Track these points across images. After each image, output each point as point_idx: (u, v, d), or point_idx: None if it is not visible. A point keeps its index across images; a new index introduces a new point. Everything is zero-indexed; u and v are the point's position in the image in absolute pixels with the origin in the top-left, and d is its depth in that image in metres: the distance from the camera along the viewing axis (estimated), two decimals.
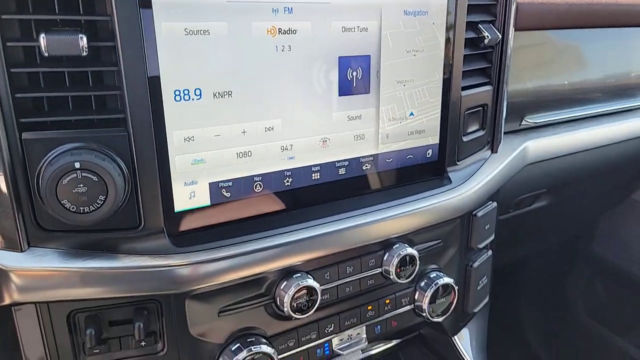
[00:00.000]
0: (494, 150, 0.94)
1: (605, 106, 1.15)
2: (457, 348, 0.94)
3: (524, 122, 1.03)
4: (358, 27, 0.70)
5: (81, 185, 0.54)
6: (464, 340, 0.96)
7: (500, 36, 0.86)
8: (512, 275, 1.80)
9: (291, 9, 0.65)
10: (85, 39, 0.52)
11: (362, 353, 0.96)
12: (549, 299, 1.85)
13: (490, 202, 0.91)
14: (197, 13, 0.58)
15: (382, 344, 0.98)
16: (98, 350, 0.61)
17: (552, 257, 1.80)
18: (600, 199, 1.48)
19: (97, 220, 0.56)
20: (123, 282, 0.59)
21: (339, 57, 0.70)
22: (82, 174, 0.54)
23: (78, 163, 0.54)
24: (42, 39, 0.51)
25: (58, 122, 0.55)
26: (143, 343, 0.62)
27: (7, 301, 0.57)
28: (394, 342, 1.00)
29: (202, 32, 0.59)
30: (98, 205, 0.56)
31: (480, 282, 0.93)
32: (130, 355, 0.62)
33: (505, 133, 1.00)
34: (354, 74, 0.72)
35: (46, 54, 0.52)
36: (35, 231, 0.57)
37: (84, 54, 0.53)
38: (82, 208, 0.55)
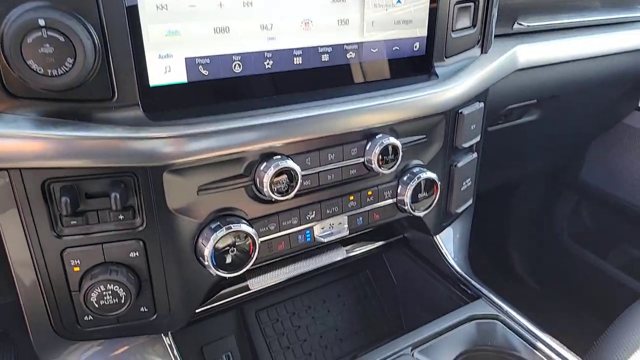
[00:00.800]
0: (484, 50, 0.91)
1: (601, 15, 1.11)
2: (438, 248, 0.95)
3: (516, 26, 0.99)
4: None
5: (47, 45, 0.52)
6: (446, 241, 0.97)
7: None
8: (500, 199, 1.81)
9: None
10: None
11: (347, 253, 0.97)
12: (535, 223, 1.87)
13: (478, 102, 0.89)
14: None
15: (367, 245, 1.00)
16: (75, 222, 0.60)
17: (541, 183, 1.80)
18: (591, 121, 1.46)
19: (67, 85, 0.54)
20: (97, 152, 0.57)
21: None
22: (48, 33, 0.52)
23: (43, 20, 0.51)
24: None
25: None
26: (121, 217, 0.61)
27: None
28: (378, 244, 1.01)
29: None
30: (67, 69, 0.53)
31: (465, 183, 0.93)
32: (109, 230, 0.62)
33: (497, 36, 0.96)
34: None
35: None
36: (3, 96, 0.55)
37: None
38: (49, 70, 0.53)
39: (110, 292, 0.62)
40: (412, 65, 0.81)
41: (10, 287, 0.63)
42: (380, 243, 1.00)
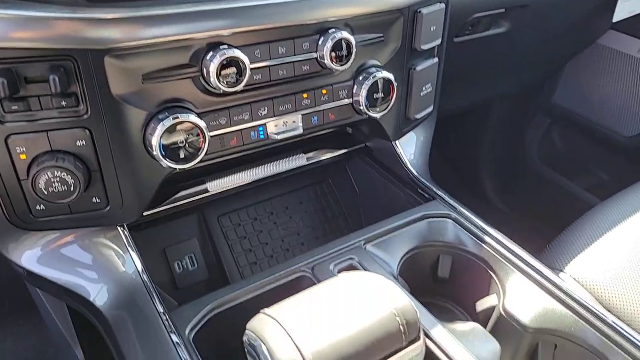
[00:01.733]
0: None
1: None
2: (398, 154, 0.97)
3: None
4: None
5: None
6: (406, 148, 0.99)
7: None
8: (471, 121, 1.83)
9: None
10: None
11: (307, 160, 0.99)
12: (506, 146, 1.90)
13: (438, 2, 0.88)
14: None
15: (328, 152, 1.01)
16: (17, 107, 0.60)
17: (513, 105, 1.82)
18: (564, 38, 1.45)
19: None
20: (33, 32, 0.57)
21: None
22: None
23: None
24: None
25: None
26: (63, 103, 0.61)
27: None
28: (340, 152, 1.03)
29: None
30: None
31: (424, 88, 0.93)
32: (53, 117, 0.62)
33: None
34: None
35: None
36: None
37: None
38: None
39: (58, 179, 0.63)
40: None
41: None
42: (342, 151, 1.02)
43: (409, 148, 1.00)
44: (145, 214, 0.85)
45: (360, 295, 0.49)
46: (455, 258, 0.85)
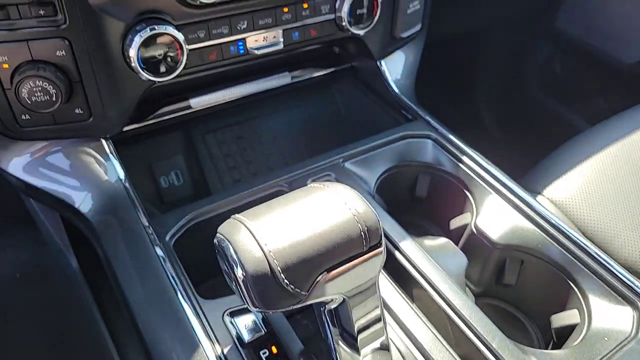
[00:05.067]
0: None
1: None
2: (383, 74, 1.01)
3: None
4: None
5: None
6: (392, 68, 1.02)
7: None
8: (470, 45, 1.83)
9: None
10: None
11: (292, 79, 1.03)
12: (505, 71, 1.91)
13: None
14: None
15: (314, 72, 1.05)
16: None
17: (514, 31, 1.81)
18: None
19: None
20: None
21: None
22: None
23: None
24: None
25: None
26: (41, 11, 0.65)
27: None
28: (325, 72, 1.06)
29: None
30: None
31: (411, 5, 0.95)
32: (32, 26, 0.66)
33: None
34: None
35: None
36: None
37: None
38: None
39: (40, 89, 0.68)
40: None
41: None
42: (327, 71, 1.06)
43: (396, 68, 1.04)
44: (130, 128, 0.90)
45: (325, 202, 0.54)
46: (433, 178, 0.91)
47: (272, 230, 0.50)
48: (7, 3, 0.63)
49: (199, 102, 0.94)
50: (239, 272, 0.49)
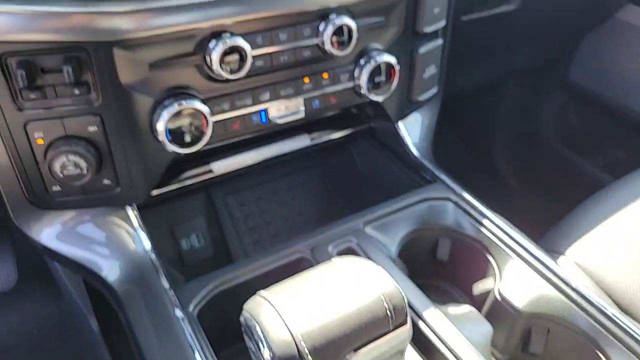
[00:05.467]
0: None
1: None
2: (401, 136, 1.03)
3: None
4: None
5: None
6: (410, 130, 1.04)
7: None
8: (484, 96, 1.86)
9: None
10: None
11: (311, 141, 1.05)
12: (520, 121, 1.94)
13: None
14: None
15: (332, 133, 1.07)
16: (35, 97, 0.67)
17: (528, 80, 1.84)
18: (578, 13, 1.47)
19: None
20: (48, 27, 0.63)
21: None
22: None
23: None
24: None
25: None
26: (77, 91, 0.68)
27: None
28: (343, 133, 1.09)
29: None
30: None
31: (428, 70, 0.98)
32: (67, 104, 0.69)
33: None
34: None
35: None
36: None
37: None
38: None
39: (72, 163, 0.71)
40: None
41: None
42: (345, 132, 1.08)
43: (413, 129, 1.06)
44: (153, 193, 0.93)
45: (351, 280, 0.55)
46: (455, 241, 0.91)
47: (299, 311, 0.51)
48: (46, 84, 0.67)
49: (220, 167, 0.96)
50: (267, 354, 0.50)
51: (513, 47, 1.49)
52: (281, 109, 0.85)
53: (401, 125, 1.03)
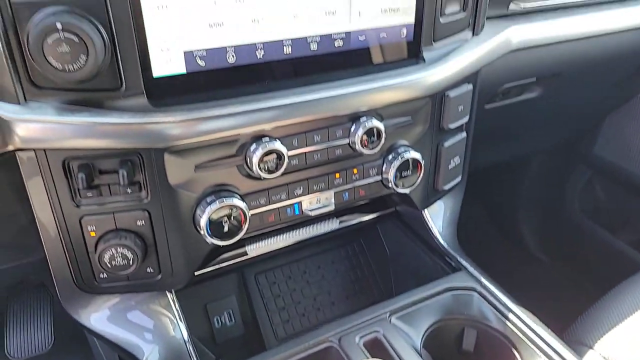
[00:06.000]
0: (475, 32, 0.99)
1: None
2: (426, 222, 1.06)
3: (512, 7, 1.06)
4: None
5: (64, 44, 0.64)
6: (435, 216, 1.08)
7: None
8: (510, 172, 1.89)
9: None
10: None
11: (340, 224, 1.10)
12: (546, 197, 1.95)
13: (466, 83, 0.98)
14: None
15: (360, 217, 1.12)
16: (91, 195, 0.74)
17: (553, 156, 1.87)
18: (601, 97, 1.51)
19: (82, 78, 0.67)
20: (107, 135, 0.71)
21: None
22: (65, 35, 0.64)
23: (60, 24, 0.64)
24: None
25: None
26: (129, 190, 0.75)
27: (10, 147, 0.69)
28: (370, 217, 1.13)
29: None
30: (81, 65, 0.66)
31: (452, 161, 1.03)
32: (119, 201, 0.76)
33: (491, 18, 1.04)
34: None
35: None
36: (29, 87, 0.68)
37: None
38: (66, 66, 0.66)
39: (120, 255, 0.77)
40: (400, 50, 0.90)
41: (40, 244, 0.79)
42: (373, 215, 1.13)
43: (438, 216, 1.10)
44: None
45: None
46: (480, 332, 0.93)
47: None
48: (101, 184, 0.74)
49: (254, 249, 1.01)
50: None
51: (534, 128, 1.53)
52: (313, 202, 0.90)
53: (426, 212, 1.07)
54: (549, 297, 1.08)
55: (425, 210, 1.08)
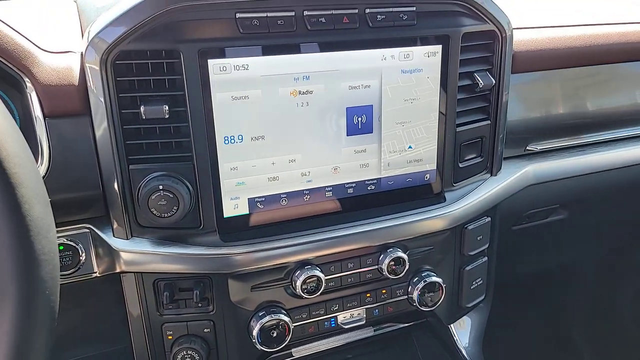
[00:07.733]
0: (493, 174, 1.17)
1: (618, 132, 1.30)
2: (453, 339, 1.19)
3: (528, 148, 1.23)
4: (362, 85, 0.98)
5: (163, 200, 0.89)
6: (461, 330, 1.21)
7: (494, 81, 1.08)
8: (558, 282, 1.93)
9: (308, 76, 0.94)
10: (167, 107, 0.86)
11: (375, 332, 1.25)
12: (595, 306, 1.97)
13: (485, 217, 1.15)
14: (240, 85, 0.90)
15: (394, 325, 1.27)
16: (172, 307, 0.97)
17: (599, 264, 1.91)
18: (632, 214, 1.59)
19: (173, 222, 0.91)
20: (188, 263, 0.94)
21: (347, 107, 0.98)
22: (164, 193, 0.89)
23: (161, 186, 0.89)
24: (142, 108, 0.86)
25: (151, 159, 0.90)
26: (200, 305, 0.97)
27: (117, 270, 0.94)
28: (404, 325, 1.28)
29: (243, 97, 0.91)
30: (173, 213, 0.90)
31: (475, 282, 1.17)
32: (192, 312, 0.98)
33: (508, 158, 1.21)
34: (359, 119, 1.00)
35: (144, 117, 0.87)
36: (135, 227, 0.93)
37: (166, 116, 0.87)
38: (163, 214, 0.90)
39: (189, 356, 0.97)
40: (424, 191, 1.09)
41: (128, 339, 1.01)
42: (405, 324, 1.27)
43: (465, 332, 1.22)
44: None
45: None
46: None
47: None
48: (180, 299, 0.97)
49: (298, 352, 1.19)
50: None
51: (570, 244, 1.62)
52: (347, 317, 1.08)
53: (452, 328, 1.21)
54: None
55: (452, 326, 1.21)
